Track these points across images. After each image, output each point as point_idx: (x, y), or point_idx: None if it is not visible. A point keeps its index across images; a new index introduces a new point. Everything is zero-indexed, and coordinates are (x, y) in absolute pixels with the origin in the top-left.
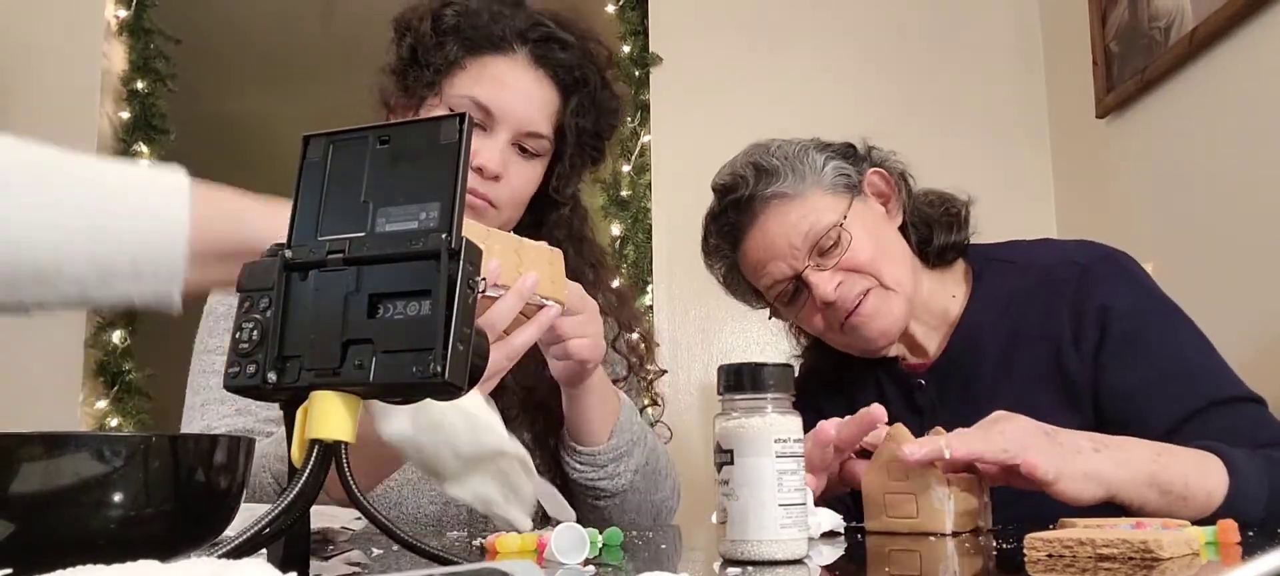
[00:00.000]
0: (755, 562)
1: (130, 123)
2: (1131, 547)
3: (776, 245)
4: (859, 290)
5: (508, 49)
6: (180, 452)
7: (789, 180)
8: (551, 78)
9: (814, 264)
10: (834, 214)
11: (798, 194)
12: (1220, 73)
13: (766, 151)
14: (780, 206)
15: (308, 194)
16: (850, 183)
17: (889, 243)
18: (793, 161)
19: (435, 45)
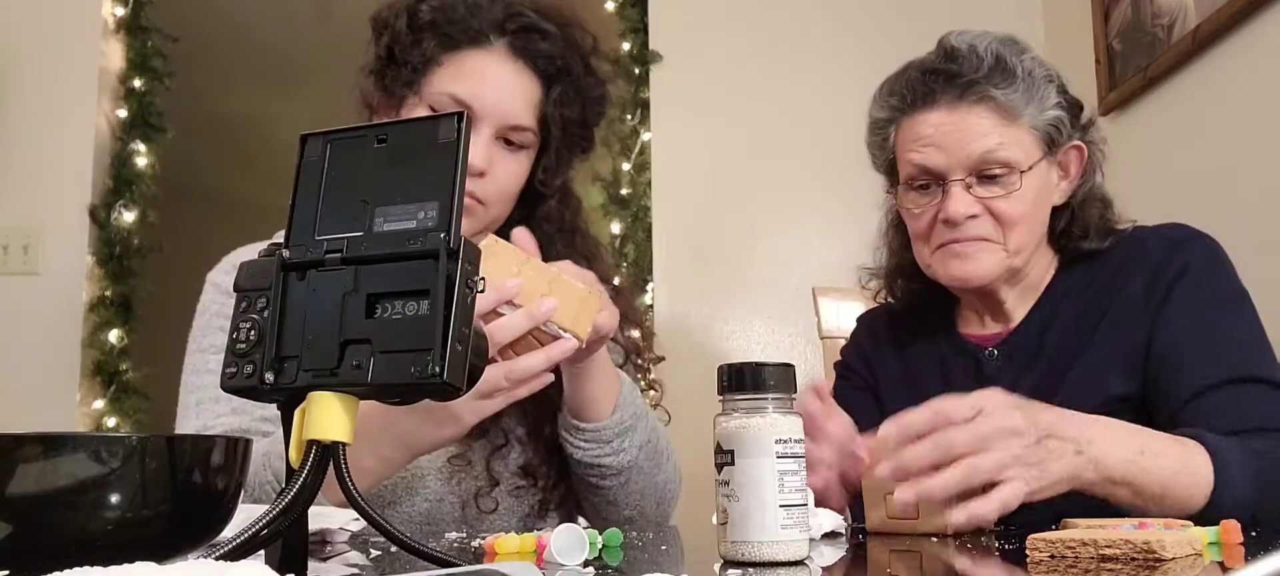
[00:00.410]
0: (756, 563)
1: (128, 121)
2: (1134, 548)
3: (953, 138)
4: (980, 234)
5: (485, 42)
6: (178, 453)
7: (1016, 96)
8: (532, 68)
9: (967, 180)
10: (1023, 158)
11: (1011, 114)
12: (1223, 70)
13: (1019, 54)
14: (989, 112)
15: (306, 193)
16: (1054, 140)
17: (1040, 215)
18: (1031, 83)
19: (412, 43)
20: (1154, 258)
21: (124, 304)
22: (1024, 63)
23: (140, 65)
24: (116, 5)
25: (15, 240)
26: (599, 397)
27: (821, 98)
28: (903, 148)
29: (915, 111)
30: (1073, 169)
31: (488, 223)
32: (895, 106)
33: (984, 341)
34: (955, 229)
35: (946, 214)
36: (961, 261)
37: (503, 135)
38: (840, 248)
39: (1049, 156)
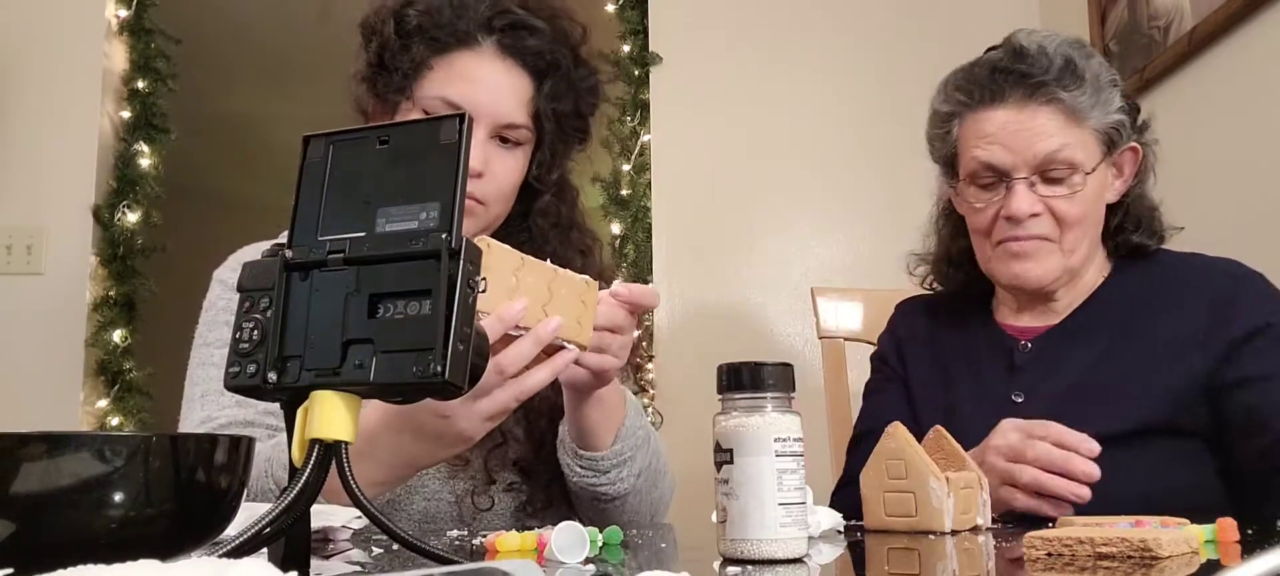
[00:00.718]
0: (755, 561)
1: (131, 122)
2: (1131, 546)
3: (1020, 138)
4: (1040, 233)
5: (473, 42)
6: (181, 452)
7: (1083, 99)
8: (522, 65)
9: (1031, 179)
10: (1087, 160)
11: (1077, 116)
12: (1219, 72)
13: (1088, 57)
14: (1056, 113)
15: (308, 194)
16: (1113, 142)
17: (1097, 216)
18: (1097, 87)
19: (401, 48)
20: (1217, 289)
21: (127, 304)
22: (1092, 66)
23: (143, 66)
24: (119, 7)
25: (19, 240)
26: (599, 427)
27: (821, 98)
28: (967, 143)
29: (981, 108)
30: (1127, 169)
31: (489, 222)
32: (961, 101)
33: (1020, 333)
34: (1017, 226)
35: (1010, 211)
36: (1022, 262)
37: (498, 134)
38: (840, 248)
39: (1108, 158)
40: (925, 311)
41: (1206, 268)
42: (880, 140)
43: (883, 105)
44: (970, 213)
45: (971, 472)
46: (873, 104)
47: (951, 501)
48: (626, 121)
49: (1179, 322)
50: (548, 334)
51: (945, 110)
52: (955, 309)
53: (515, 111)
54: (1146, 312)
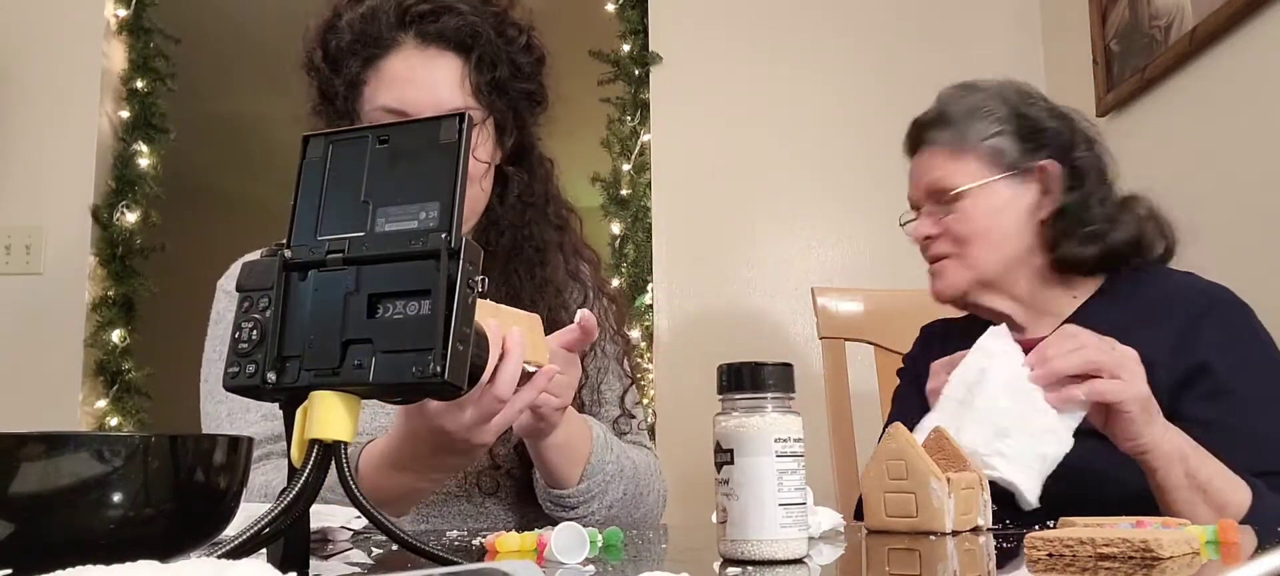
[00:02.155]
0: (755, 562)
1: (130, 122)
2: (1132, 547)
3: (915, 175)
4: (940, 252)
5: (394, 43)
6: (180, 452)
7: (949, 134)
8: (447, 48)
9: (927, 208)
10: (965, 180)
11: (951, 149)
12: (1220, 72)
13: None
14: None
15: (307, 194)
16: (1010, 162)
17: (1003, 230)
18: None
19: (332, 73)
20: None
21: (126, 304)
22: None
23: (142, 66)
24: (118, 6)
25: (18, 240)
26: (562, 466)
27: (821, 98)
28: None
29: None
30: (1053, 187)
31: (468, 213)
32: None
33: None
34: (924, 250)
35: (911, 236)
36: (933, 279)
37: None
38: (840, 248)
39: (1012, 176)
40: (944, 330)
41: (1187, 289)
42: (881, 140)
43: (883, 105)
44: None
45: (972, 474)
46: (873, 104)
47: (952, 502)
48: (626, 121)
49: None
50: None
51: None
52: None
53: (454, 96)
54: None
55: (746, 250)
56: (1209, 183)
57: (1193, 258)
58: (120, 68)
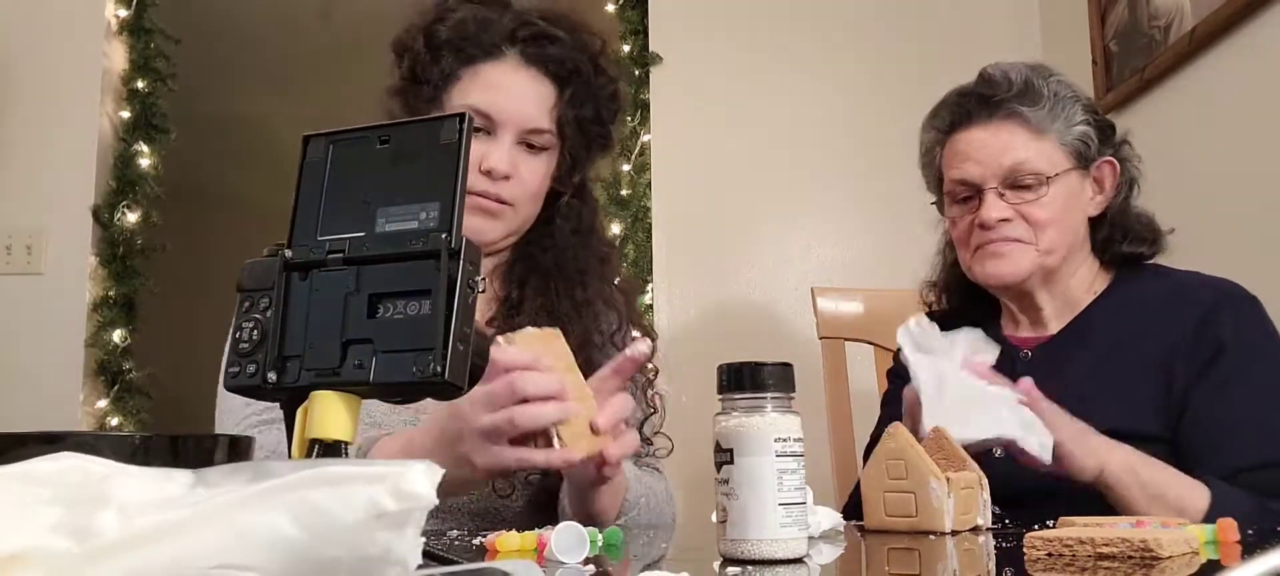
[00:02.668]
0: (755, 561)
1: (130, 122)
2: (1131, 546)
3: (986, 151)
4: (1013, 235)
5: (498, 54)
6: (181, 452)
7: (1042, 112)
8: (544, 73)
9: (1000, 189)
10: (1049, 166)
11: (1037, 128)
12: (1220, 72)
13: (1045, 76)
14: (1016, 127)
15: (308, 194)
16: (1083, 154)
17: (1073, 221)
18: (1057, 102)
19: (431, 61)
20: (1201, 306)
21: (127, 304)
22: (1050, 85)
23: (143, 66)
24: (119, 7)
25: (18, 240)
26: (608, 508)
27: (821, 98)
28: (946, 166)
29: (955, 131)
30: (1107, 184)
31: (517, 225)
32: (939, 129)
33: (1022, 343)
34: (990, 231)
35: (981, 218)
36: (996, 261)
37: (523, 139)
38: (840, 247)
39: (1080, 169)
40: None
41: (1200, 284)
42: (881, 140)
43: (883, 105)
44: (952, 227)
45: (972, 473)
46: (873, 104)
47: (952, 501)
48: (627, 121)
49: (1167, 335)
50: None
51: (928, 141)
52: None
53: (539, 116)
54: (1141, 324)
55: (746, 250)
56: (1209, 183)
57: (1193, 258)
58: (121, 68)
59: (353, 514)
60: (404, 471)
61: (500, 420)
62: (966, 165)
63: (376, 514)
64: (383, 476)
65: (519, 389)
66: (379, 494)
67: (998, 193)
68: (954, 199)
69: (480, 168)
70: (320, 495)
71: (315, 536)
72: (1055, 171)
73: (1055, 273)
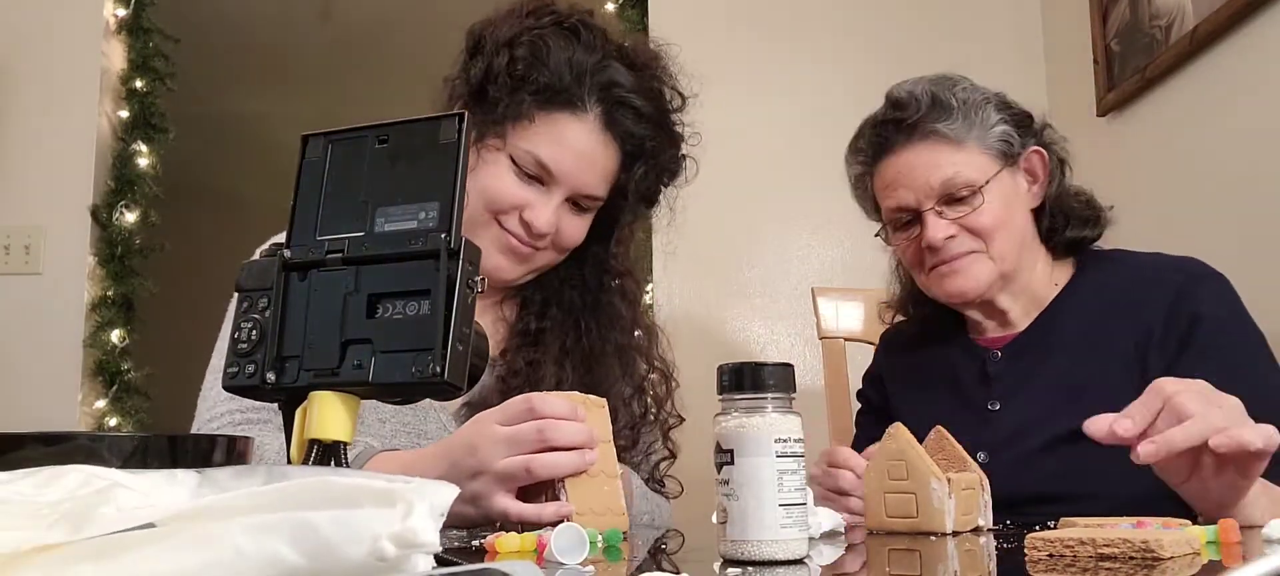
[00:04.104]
0: (755, 562)
1: (129, 121)
2: (1132, 547)
3: (914, 175)
4: (965, 249)
5: (580, 108)
6: (180, 452)
7: (957, 124)
8: (618, 144)
9: (937, 208)
10: (979, 174)
11: (957, 140)
12: (1221, 71)
13: (950, 87)
14: (936, 145)
15: (307, 194)
16: (1009, 151)
17: (1015, 218)
18: (969, 109)
19: (507, 90)
20: (1169, 289)
21: (125, 304)
22: (958, 94)
23: (141, 66)
24: (118, 6)
25: (17, 240)
26: None
27: (822, 98)
28: (880, 195)
29: (879, 160)
30: (1040, 173)
31: (543, 264)
32: (864, 162)
33: (992, 344)
34: (939, 252)
35: (927, 240)
36: (953, 278)
37: (574, 199)
38: (840, 248)
39: (1010, 166)
40: (905, 340)
41: (1166, 268)
42: None
43: None
44: (902, 253)
45: (973, 474)
46: (873, 104)
47: (953, 502)
48: None
49: (1137, 324)
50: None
51: (855, 173)
52: (934, 331)
53: (598, 186)
54: (1111, 316)
55: (746, 250)
56: (1210, 183)
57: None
58: (119, 67)
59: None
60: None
61: (517, 466)
62: (898, 192)
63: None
64: (392, 497)
65: (548, 437)
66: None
67: (936, 212)
68: (895, 226)
69: (521, 216)
70: (325, 520)
71: (315, 563)
72: (986, 177)
73: (1012, 275)
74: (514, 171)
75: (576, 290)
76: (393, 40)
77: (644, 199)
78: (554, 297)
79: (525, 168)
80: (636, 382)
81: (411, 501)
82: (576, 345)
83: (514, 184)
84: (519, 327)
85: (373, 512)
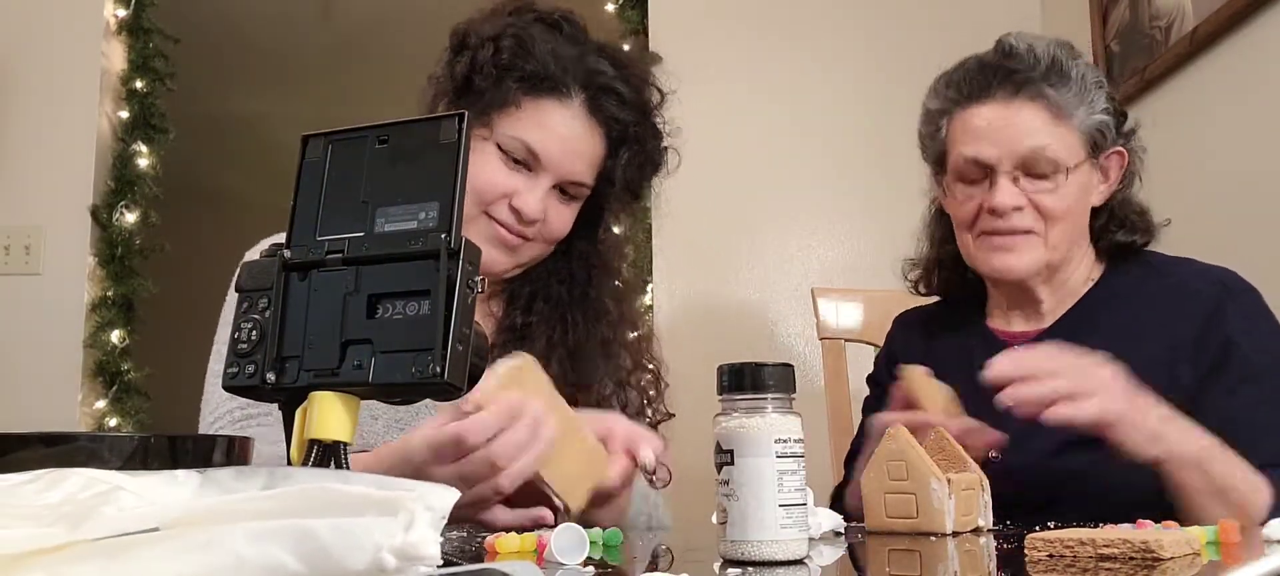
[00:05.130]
0: (755, 563)
1: (129, 122)
2: (1132, 547)
3: (1006, 132)
4: (1025, 226)
5: (565, 94)
6: (180, 453)
7: (1069, 96)
8: (603, 129)
9: (1015, 173)
10: (1069, 155)
11: (1061, 112)
12: (1221, 72)
13: (1073, 56)
14: (1040, 109)
15: (307, 194)
16: (1099, 143)
17: (1081, 214)
18: (1083, 88)
19: (493, 80)
20: (1207, 303)
21: (125, 304)
22: (1078, 67)
23: (142, 66)
24: (118, 7)
25: (17, 240)
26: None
27: (822, 98)
28: (955, 139)
29: (970, 104)
30: (1113, 173)
31: (530, 259)
32: (951, 98)
33: (1013, 338)
34: (1000, 219)
35: (993, 204)
36: (1004, 254)
37: (561, 186)
38: (841, 248)
39: (1092, 159)
40: (920, 323)
41: (1199, 277)
42: (882, 140)
43: (884, 105)
44: (955, 206)
45: (973, 474)
46: (874, 104)
47: (953, 503)
48: None
49: (1170, 333)
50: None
51: (936, 107)
52: (950, 316)
53: (585, 172)
54: (1139, 320)
55: (746, 250)
56: (1211, 182)
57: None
58: (119, 68)
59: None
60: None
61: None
62: (980, 144)
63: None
64: (394, 506)
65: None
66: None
67: (1012, 177)
68: (961, 178)
69: (510, 203)
70: (326, 528)
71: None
72: (1074, 162)
73: (1058, 266)
74: (501, 159)
75: (563, 285)
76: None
77: (629, 189)
78: (541, 292)
79: (513, 154)
80: (622, 377)
81: (414, 511)
82: (562, 339)
83: (502, 172)
84: (506, 323)
85: (374, 521)
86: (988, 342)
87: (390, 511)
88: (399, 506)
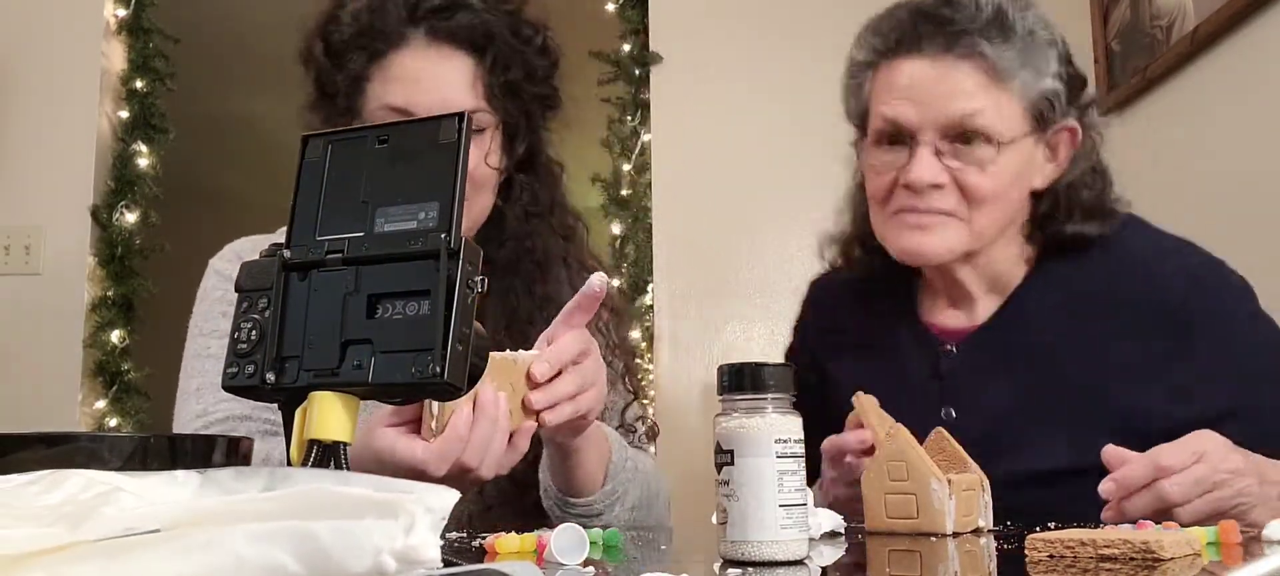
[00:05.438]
0: (755, 563)
1: (129, 122)
2: (1133, 548)
3: (929, 92)
4: (944, 207)
5: (402, 39)
6: (180, 453)
7: (1010, 55)
8: (457, 46)
9: (937, 143)
10: (1005, 128)
11: (1000, 73)
12: (1222, 71)
13: (1022, 9)
14: (973, 68)
15: (307, 194)
16: (1046, 115)
17: (1014, 198)
18: (1032, 45)
19: (334, 69)
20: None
21: (125, 304)
22: (1026, 21)
23: (142, 66)
24: (118, 6)
25: (16, 240)
26: (590, 469)
27: (822, 97)
28: (877, 97)
29: (896, 57)
30: (1062, 152)
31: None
32: (876, 48)
33: (946, 335)
34: (916, 197)
35: (908, 178)
36: (916, 235)
37: None
38: None
39: (1037, 133)
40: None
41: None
42: None
43: None
44: (871, 175)
45: (973, 475)
46: None
47: (953, 503)
48: (627, 121)
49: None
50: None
51: (860, 59)
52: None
53: (464, 98)
54: (1091, 319)
55: (746, 250)
56: (1211, 183)
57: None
58: (119, 68)
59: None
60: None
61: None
62: (901, 105)
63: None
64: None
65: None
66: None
67: (934, 149)
68: (879, 141)
69: None
70: (327, 531)
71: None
72: (1010, 136)
73: (979, 253)
74: None
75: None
76: None
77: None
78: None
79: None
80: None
81: (414, 514)
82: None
83: None
84: None
85: (375, 524)
86: (919, 339)
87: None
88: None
